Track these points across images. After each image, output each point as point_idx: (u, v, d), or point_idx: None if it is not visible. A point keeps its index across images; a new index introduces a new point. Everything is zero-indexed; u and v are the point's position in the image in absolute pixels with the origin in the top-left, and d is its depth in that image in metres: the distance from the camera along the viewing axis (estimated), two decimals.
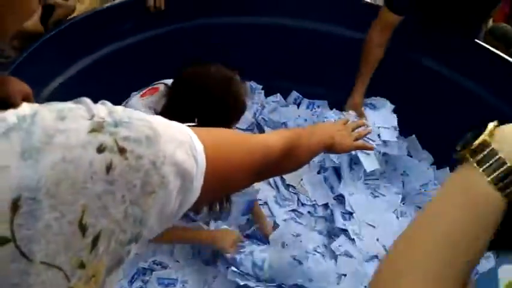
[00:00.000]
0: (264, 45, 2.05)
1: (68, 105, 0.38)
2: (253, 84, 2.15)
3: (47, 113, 0.35)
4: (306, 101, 2.17)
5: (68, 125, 0.35)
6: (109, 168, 0.36)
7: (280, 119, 2.07)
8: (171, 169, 0.41)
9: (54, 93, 1.59)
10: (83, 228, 0.35)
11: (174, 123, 0.46)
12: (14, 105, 0.35)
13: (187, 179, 0.44)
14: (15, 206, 0.31)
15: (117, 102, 1.73)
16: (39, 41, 1.55)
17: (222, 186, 0.56)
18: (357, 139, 1.05)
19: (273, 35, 2.04)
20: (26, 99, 1.39)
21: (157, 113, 1.29)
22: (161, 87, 1.39)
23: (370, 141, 1.64)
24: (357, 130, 1.07)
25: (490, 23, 3.50)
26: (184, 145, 0.44)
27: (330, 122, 1.72)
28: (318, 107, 2.15)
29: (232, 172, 0.56)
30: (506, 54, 2.03)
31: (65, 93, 1.61)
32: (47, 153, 0.33)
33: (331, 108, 2.14)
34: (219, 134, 0.57)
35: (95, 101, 0.69)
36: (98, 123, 0.37)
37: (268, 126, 2.05)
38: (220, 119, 1.20)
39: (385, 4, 1.75)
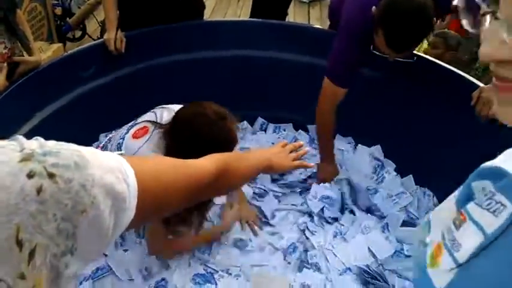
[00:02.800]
0: (226, 77, 2.14)
1: (0, 142, 0.44)
2: None
3: None
4: (271, 125, 2.26)
5: None
6: (39, 190, 0.42)
7: (248, 144, 2.14)
8: (100, 190, 0.47)
9: None
10: (19, 243, 0.40)
11: (105, 153, 0.52)
12: None
13: (119, 199, 0.50)
14: None
15: (88, 143, 1.77)
16: (3, 94, 1.60)
17: (156, 208, 0.61)
18: (295, 159, 1.13)
19: (234, 66, 2.14)
20: None
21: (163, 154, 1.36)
22: (150, 126, 1.44)
23: None
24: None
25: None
26: (113, 170, 0.50)
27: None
28: (284, 130, 2.24)
29: (165, 193, 0.62)
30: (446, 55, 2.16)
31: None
32: None
33: (296, 130, 2.24)
34: (151, 160, 0.64)
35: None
36: (28, 154, 0.43)
37: None
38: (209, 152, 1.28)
39: (333, 82, 1.73)
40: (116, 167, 0.51)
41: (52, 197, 0.43)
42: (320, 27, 2.31)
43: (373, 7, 1.52)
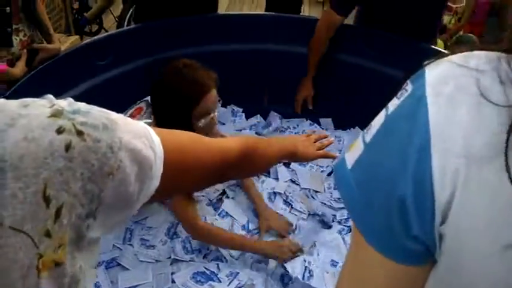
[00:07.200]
0: (240, 70, 2.13)
1: (32, 98, 0.44)
2: (234, 107, 2.24)
3: (12, 102, 0.42)
4: (285, 120, 2.24)
5: (30, 111, 0.41)
6: (68, 147, 0.41)
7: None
8: (127, 154, 0.46)
9: None
10: (46, 199, 0.40)
11: (133, 120, 0.51)
12: None
13: (146, 165, 0.49)
14: None
15: None
16: (22, 80, 1.61)
17: (181, 180, 0.60)
18: (319, 149, 1.10)
19: (250, 60, 2.14)
20: None
21: None
22: (144, 107, 1.48)
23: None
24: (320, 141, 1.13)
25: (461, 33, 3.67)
26: (140, 136, 0.49)
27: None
28: (297, 125, 2.23)
29: (190, 166, 0.60)
30: None
31: None
32: (11, 133, 0.39)
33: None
34: (177, 132, 0.62)
35: None
36: (58, 110, 0.43)
37: None
38: (183, 108, 1.32)
39: (330, 7, 1.96)
40: (143, 134, 0.50)
41: (80, 155, 0.42)
42: None
43: None
